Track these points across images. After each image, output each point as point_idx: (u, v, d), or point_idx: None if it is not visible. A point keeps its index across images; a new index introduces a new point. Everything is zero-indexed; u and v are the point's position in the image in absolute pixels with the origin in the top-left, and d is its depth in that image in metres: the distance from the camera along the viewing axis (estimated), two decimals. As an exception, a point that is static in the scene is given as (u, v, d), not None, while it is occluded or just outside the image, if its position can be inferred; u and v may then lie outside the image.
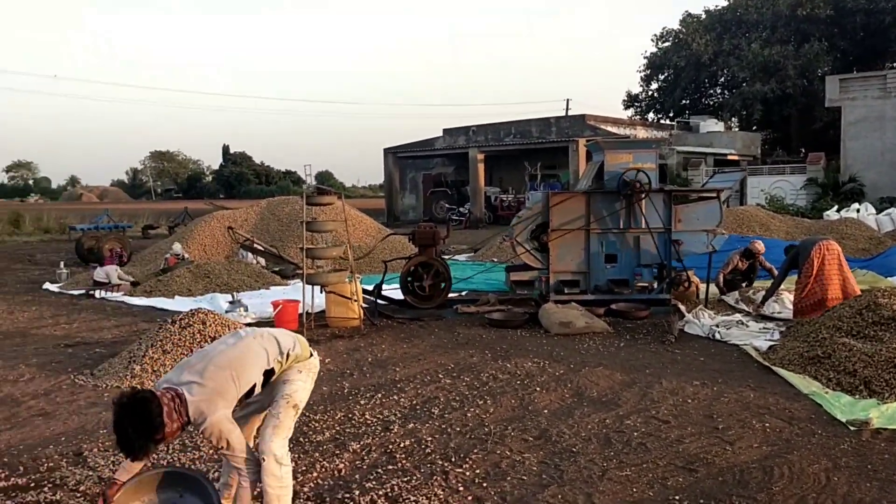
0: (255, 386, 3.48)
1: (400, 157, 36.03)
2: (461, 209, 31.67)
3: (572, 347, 7.67)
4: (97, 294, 11.91)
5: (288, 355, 3.62)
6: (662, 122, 41.87)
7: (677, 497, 3.99)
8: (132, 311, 10.57)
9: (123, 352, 7.06)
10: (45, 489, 4.20)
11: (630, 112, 45.75)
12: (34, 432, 5.24)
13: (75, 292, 12.35)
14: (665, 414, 5.40)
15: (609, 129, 31.02)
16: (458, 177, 34.63)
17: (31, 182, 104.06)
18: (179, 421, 3.23)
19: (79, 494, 4.13)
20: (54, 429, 5.31)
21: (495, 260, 15.10)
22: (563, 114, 37.76)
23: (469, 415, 5.49)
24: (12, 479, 4.38)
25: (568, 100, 73.76)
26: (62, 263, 14.75)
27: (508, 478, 4.29)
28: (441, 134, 34.45)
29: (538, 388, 6.14)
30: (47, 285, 13.29)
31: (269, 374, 3.55)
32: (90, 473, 4.42)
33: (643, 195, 9.36)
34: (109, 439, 5.03)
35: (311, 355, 3.79)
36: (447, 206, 32.33)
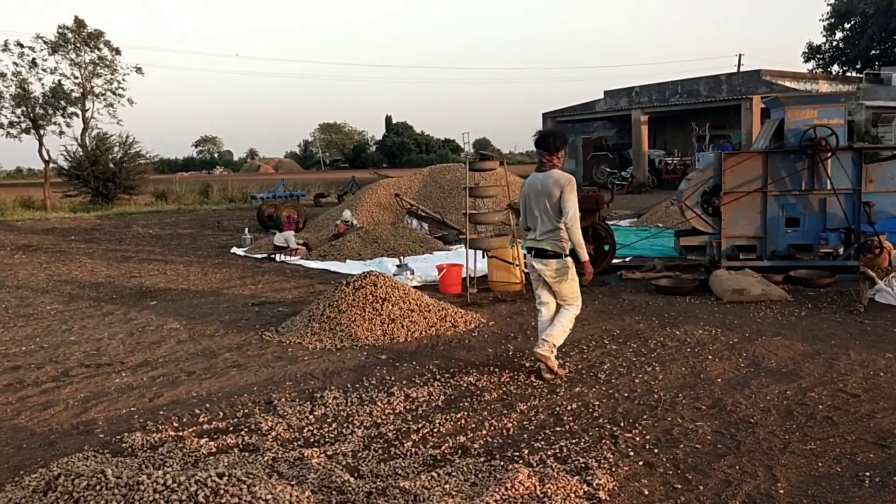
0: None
1: (559, 122, 35.50)
2: (623, 173, 30.80)
3: (747, 316, 7.30)
4: (277, 258, 12.79)
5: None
6: (848, 74, 38.28)
7: (867, 474, 3.73)
8: (309, 273, 11.26)
9: (304, 311, 7.55)
10: (243, 433, 4.61)
11: (811, 65, 42.27)
12: (230, 382, 5.76)
13: (258, 256, 13.33)
14: (854, 387, 5.03)
15: (787, 84, 28.81)
16: (620, 140, 33.65)
17: (216, 155, 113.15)
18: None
19: (270, 439, 4.50)
20: (247, 379, 5.81)
21: (660, 225, 14.61)
22: (735, 70, 35.49)
23: (637, 381, 5.39)
24: (214, 422, 4.84)
25: (740, 55, 69.36)
26: (246, 229, 15.98)
27: (681, 445, 4.19)
28: (602, 96, 33.54)
29: (710, 357, 5.91)
30: (234, 249, 14.44)
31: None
32: (280, 420, 4.79)
33: (829, 153, 8.65)
34: (296, 390, 5.44)
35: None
36: (608, 170, 31.58)
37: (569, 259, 5.42)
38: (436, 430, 4.57)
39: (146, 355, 6.62)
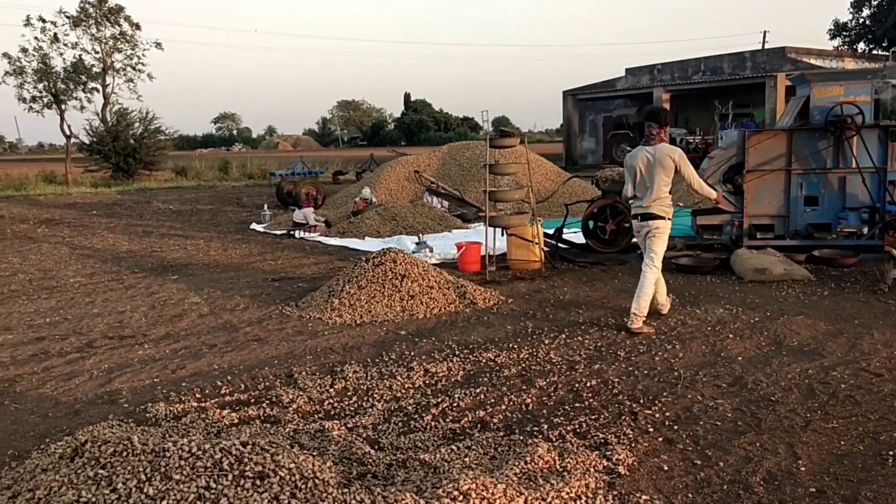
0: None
1: (579, 100, 35.21)
2: (643, 152, 30.47)
3: (768, 295, 7.24)
4: (297, 234, 12.85)
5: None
6: (875, 52, 37.54)
7: (891, 452, 3.70)
8: (328, 250, 11.30)
9: (323, 286, 7.59)
10: (264, 405, 4.66)
11: (836, 42, 41.40)
12: (251, 355, 5.81)
13: (278, 232, 13.39)
14: (878, 367, 4.99)
15: (812, 61, 28.33)
16: (641, 118, 33.30)
17: (234, 132, 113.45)
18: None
19: (291, 412, 4.54)
20: (268, 353, 5.86)
21: (681, 205, 14.48)
22: (760, 47, 34.92)
23: (657, 358, 5.38)
24: (235, 394, 4.89)
25: (765, 32, 68.27)
26: (265, 206, 16.04)
27: (701, 422, 4.18)
28: (623, 74, 33.17)
29: (731, 335, 5.88)
30: (254, 226, 14.52)
31: None
32: (301, 393, 4.83)
33: (855, 132, 8.51)
34: (316, 364, 5.48)
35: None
36: (628, 148, 31.17)
37: (669, 223, 6.17)
38: (455, 404, 4.59)
39: (168, 328, 6.70)
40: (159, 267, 9.98)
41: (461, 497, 2.95)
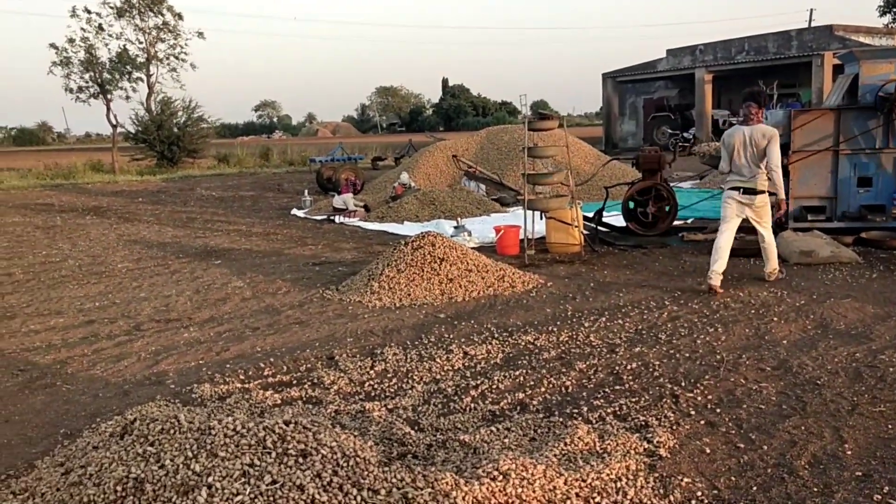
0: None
1: (619, 82, 34.74)
2: (685, 134, 29.98)
3: (814, 278, 7.10)
4: (336, 219, 12.95)
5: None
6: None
7: (943, 439, 3.61)
8: (367, 234, 11.38)
9: (363, 270, 7.65)
10: (306, 386, 4.73)
11: (886, 19, 40.05)
12: (293, 337, 5.90)
13: (318, 217, 13.52)
14: (928, 351, 4.86)
15: (861, 39, 27.46)
16: (682, 100, 32.73)
17: (275, 119, 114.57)
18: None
19: (333, 393, 4.61)
20: (309, 335, 5.94)
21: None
22: (806, 25, 33.98)
23: (699, 342, 5.32)
24: (278, 376, 4.98)
25: (811, 9, 66.31)
26: (306, 191, 16.19)
27: (744, 405, 4.13)
28: (664, 55, 32.60)
29: (775, 318, 5.78)
30: (294, 211, 14.67)
31: None
32: (342, 375, 4.89)
33: (906, 110, 8.25)
34: (356, 346, 5.54)
35: None
36: (669, 131, 30.76)
37: (768, 195, 6.79)
38: (495, 386, 4.60)
39: (212, 311, 6.83)
40: (203, 252, 10.16)
41: (501, 477, 2.97)
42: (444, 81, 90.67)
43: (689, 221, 10.80)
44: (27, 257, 10.14)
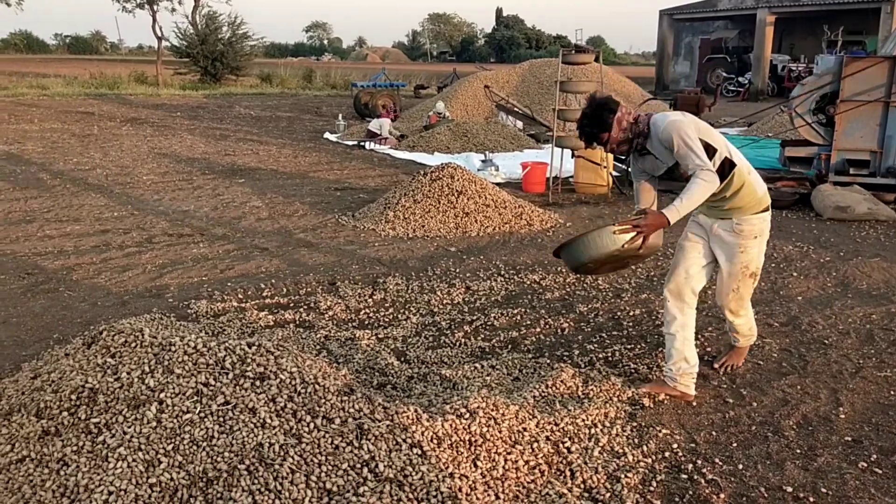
0: (716, 154, 3.31)
1: (676, 20, 33.31)
2: (740, 79, 28.81)
3: (846, 234, 6.79)
4: (367, 145, 12.81)
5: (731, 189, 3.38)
6: None
7: (947, 410, 3.43)
8: (395, 163, 11.24)
9: (380, 198, 7.55)
10: (301, 310, 4.70)
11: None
12: (299, 261, 5.86)
13: (349, 142, 13.40)
14: (950, 318, 4.61)
15: (940, -14, 25.73)
16: (741, 42, 31.29)
17: (325, 42, 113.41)
18: (626, 133, 3.39)
19: (326, 318, 4.57)
20: (315, 260, 5.90)
21: (770, 135, 13.66)
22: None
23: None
24: (276, 297, 4.96)
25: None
26: (340, 115, 16.04)
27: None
28: (726, -7, 31.05)
29: (795, 273, 5.55)
30: (327, 135, 14.56)
31: (728, 165, 3.36)
32: (339, 301, 4.85)
33: (969, 62, 7.69)
34: (360, 274, 5.49)
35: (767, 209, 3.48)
36: (724, 74, 29.57)
37: None
38: (490, 323, 4.52)
39: (225, 229, 6.83)
40: (229, 170, 10.15)
41: (468, 415, 2.90)
42: (499, 11, 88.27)
43: (726, 169, 10.39)
44: (58, 164, 10.26)
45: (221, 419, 2.50)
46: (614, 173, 8.95)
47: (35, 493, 2.35)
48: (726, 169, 3.34)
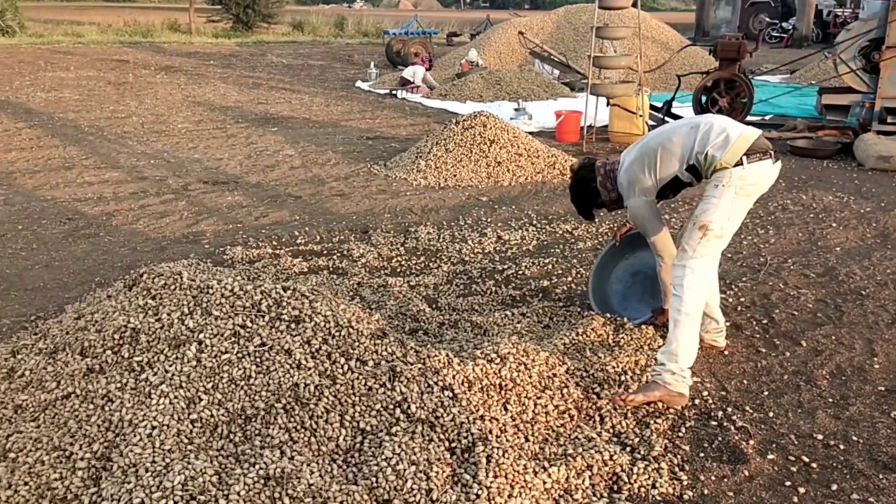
0: (680, 178, 3.20)
1: (719, -37, 32.17)
2: (783, 24, 27.86)
3: (888, 185, 6.63)
4: (399, 94, 12.72)
5: (706, 156, 3.08)
6: None
7: (985, 363, 3.38)
8: (427, 111, 11.16)
9: (412, 147, 7.53)
10: (335, 257, 4.76)
11: None
12: (332, 209, 5.91)
13: (381, 91, 13.31)
14: None
15: None
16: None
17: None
18: (614, 193, 3.48)
19: (359, 266, 4.62)
20: (348, 208, 5.94)
21: (813, 83, 13.26)
22: None
23: (745, 242, 5.07)
24: (310, 245, 5.02)
25: None
26: (372, 63, 15.90)
27: (777, 310, 3.95)
28: (772, -67, 29.83)
29: (834, 224, 5.45)
30: (359, 83, 14.48)
31: (693, 170, 3.18)
32: (371, 249, 4.89)
33: None
34: (392, 222, 5.52)
35: (742, 164, 3.02)
36: (767, 20, 28.61)
37: None
38: (521, 272, 4.53)
39: (259, 177, 6.88)
40: (262, 118, 10.18)
41: (498, 360, 2.93)
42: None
43: (767, 118, 10.16)
44: (95, 111, 10.38)
45: (258, 360, 2.57)
46: (650, 122, 8.80)
47: (80, 427, 2.45)
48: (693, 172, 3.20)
